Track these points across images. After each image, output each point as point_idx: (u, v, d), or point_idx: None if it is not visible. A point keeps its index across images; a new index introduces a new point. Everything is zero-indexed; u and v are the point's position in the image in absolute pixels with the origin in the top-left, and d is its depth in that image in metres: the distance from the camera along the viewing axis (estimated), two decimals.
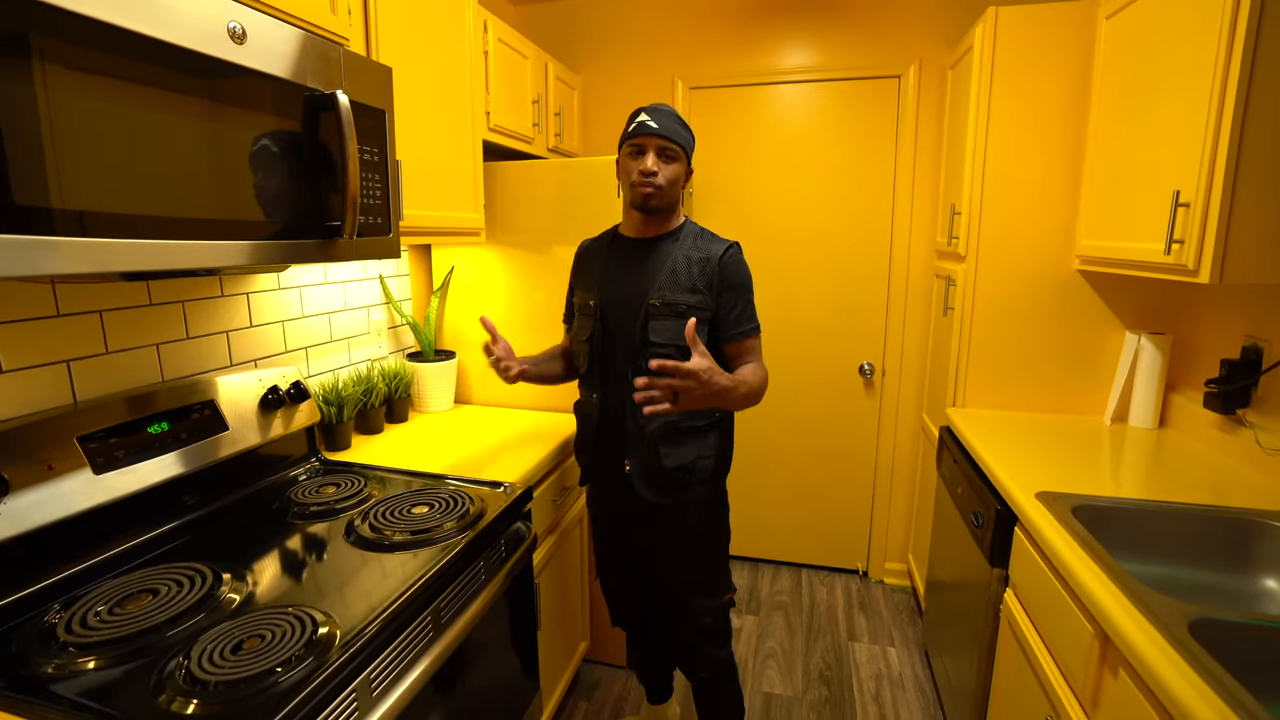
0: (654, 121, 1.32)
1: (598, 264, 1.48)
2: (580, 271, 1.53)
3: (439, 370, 1.90)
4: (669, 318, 1.34)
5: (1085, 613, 1.06)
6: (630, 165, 1.36)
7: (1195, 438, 1.72)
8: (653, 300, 1.35)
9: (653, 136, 1.32)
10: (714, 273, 1.35)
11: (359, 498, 1.29)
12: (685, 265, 1.36)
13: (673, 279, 1.35)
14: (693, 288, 1.35)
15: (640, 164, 1.33)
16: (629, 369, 1.38)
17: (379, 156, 1.22)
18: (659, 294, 1.35)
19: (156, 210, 0.81)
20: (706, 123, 2.54)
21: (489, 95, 1.83)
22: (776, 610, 2.47)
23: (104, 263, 0.75)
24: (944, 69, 2.28)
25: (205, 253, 0.89)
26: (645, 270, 1.39)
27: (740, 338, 1.37)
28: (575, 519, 1.83)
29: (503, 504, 1.27)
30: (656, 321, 1.35)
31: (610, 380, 1.43)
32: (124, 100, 0.77)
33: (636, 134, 1.33)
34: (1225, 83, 1.24)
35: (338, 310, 1.70)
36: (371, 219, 1.21)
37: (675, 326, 1.34)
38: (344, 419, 1.57)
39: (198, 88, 0.86)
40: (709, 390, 1.17)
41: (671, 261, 1.37)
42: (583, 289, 1.49)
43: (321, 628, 0.84)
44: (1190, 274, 1.34)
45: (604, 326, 1.42)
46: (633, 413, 1.38)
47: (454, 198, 1.66)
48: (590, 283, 1.47)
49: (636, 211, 1.39)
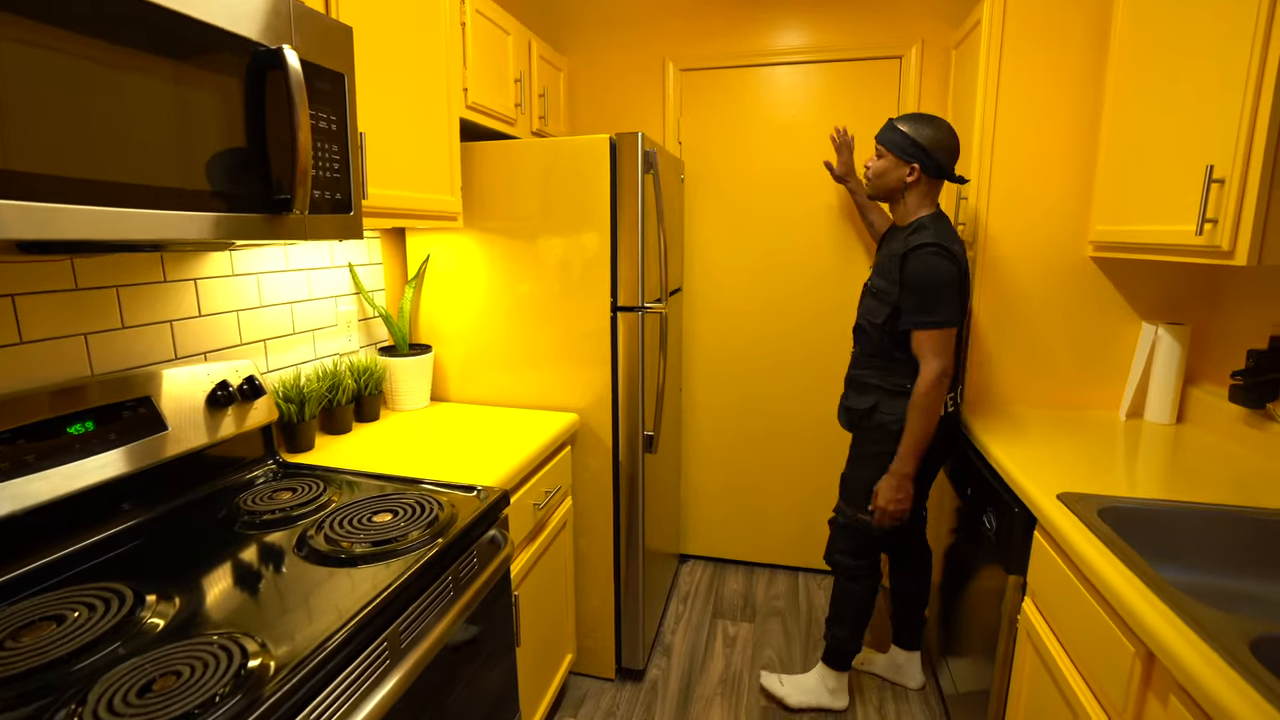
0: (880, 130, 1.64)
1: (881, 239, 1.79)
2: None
3: (413, 365, 1.78)
4: (869, 295, 1.66)
5: (1124, 628, 0.95)
6: None
7: (1219, 433, 1.62)
8: (868, 282, 1.68)
9: (876, 141, 1.65)
10: (899, 265, 1.54)
11: (317, 504, 1.16)
12: (893, 254, 1.58)
13: (883, 265, 1.62)
14: (886, 275, 1.58)
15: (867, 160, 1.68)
16: (854, 332, 1.76)
17: (337, 125, 1.10)
18: (875, 275, 1.66)
19: (65, 170, 0.68)
20: (698, 107, 2.43)
21: (467, 70, 1.70)
22: (773, 617, 2.36)
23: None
24: (947, 49, 2.17)
25: (125, 222, 0.76)
26: (883, 253, 1.66)
27: (911, 327, 1.55)
28: (561, 521, 1.71)
29: (476, 510, 1.15)
30: (864, 300, 1.67)
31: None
32: (25, 39, 0.64)
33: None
34: (1266, 47, 1.14)
35: (301, 300, 1.57)
36: (328, 194, 1.08)
37: (871, 305, 1.64)
38: (306, 417, 1.44)
39: (120, 32, 0.73)
40: (900, 494, 1.59)
41: (888, 252, 1.61)
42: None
43: (254, 659, 0.72)
44: (1225, 256, 1.23)
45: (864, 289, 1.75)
46: (851, 364, 1.77)
47: (428, 178, 1.53)
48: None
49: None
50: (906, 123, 1.58)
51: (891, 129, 1.59)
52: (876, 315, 1.60)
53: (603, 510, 1.89)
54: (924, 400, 1.54)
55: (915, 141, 1.55)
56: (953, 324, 1.51)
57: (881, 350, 1.62)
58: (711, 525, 2.72)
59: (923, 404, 1.54)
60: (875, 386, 1.66)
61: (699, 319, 2.57)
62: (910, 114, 1.60)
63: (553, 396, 1.85)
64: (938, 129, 1.57)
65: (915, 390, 1.54)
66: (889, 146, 1.59)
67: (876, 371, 1.65)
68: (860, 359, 1.70)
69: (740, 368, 2.56)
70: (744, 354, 2.55)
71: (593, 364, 1.81)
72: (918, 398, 1.54)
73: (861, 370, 1.70)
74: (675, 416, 2.48)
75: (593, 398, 1.83)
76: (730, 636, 2.24)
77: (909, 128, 1.57)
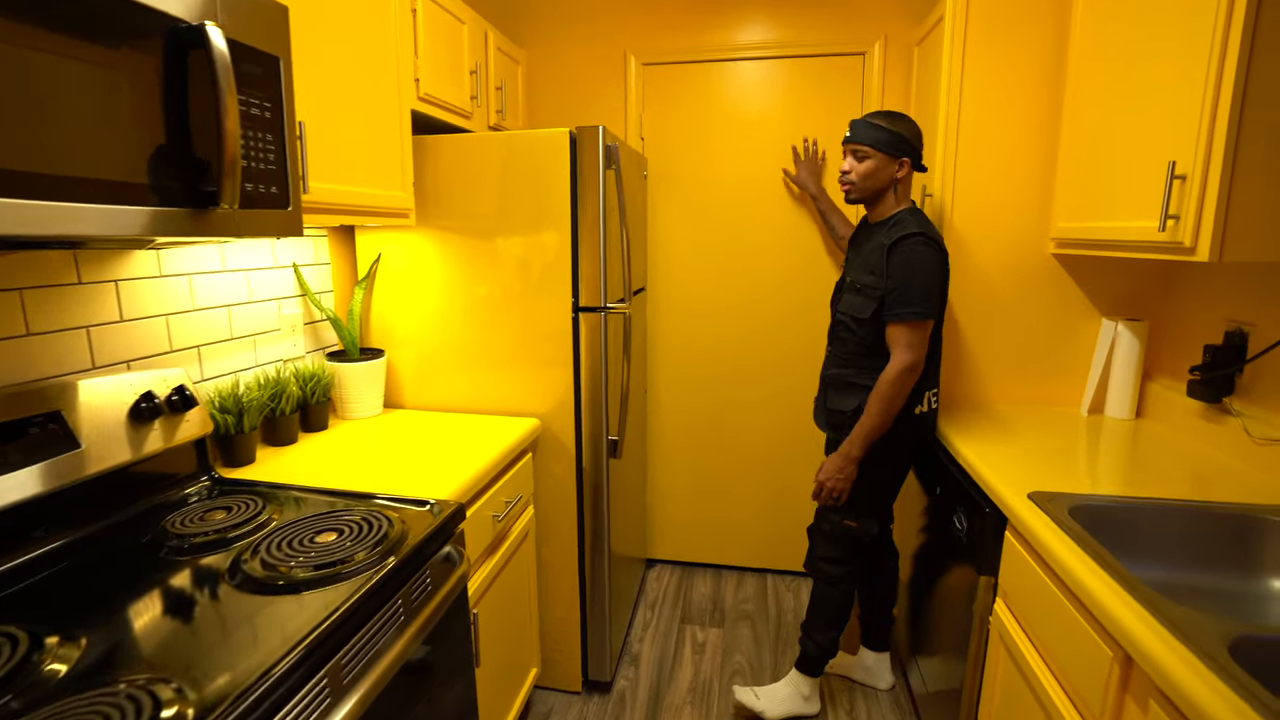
0: (849, 131, 1.58)
1: (849, 245, 1.76)
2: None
3: (364, 371, 1.68)
4: (852, 292, 1.61)
5: (1101, 631, 0.93)
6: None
7: (1178, 428, 1.64)
8: (848, 277, 1.65)
9: (847, 143, 1.58)
10: (885, 256, 1.51)
11: (255, 524, 1.07)
12: (876, 248, 1.55)
13: (866, 260, 1.58)
14: (871, 269, 1.55)
15: (842, 167, 1.61)
16: (830, 329, 1.74)
17: (271, 113, 1.01)
18: (854, 273, 1.62)
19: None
20: (661, 102, 2.38)
21: (419, 60, 1.62)
22: (742, 621, 2.33)
23: None
24: (910, 46, 2.17)
25: (23, 216, 0.67)
26: (862, 250, 1.63)
27: (888, 320, 1.52)
28: (522, 532, 1.64)
29: (429, 526, 1.07)
30: (846, 295, 1.64)
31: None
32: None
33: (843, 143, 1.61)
34: (1226, 41, 1.14)
35: (240, 303, 1.47)
36: (262, 187, 0.99)
37: (854, 301, 1.60)
38: (246, 429, 1.34)
39: (20, 4, 0.64)
40: (842, 475, 1.59)
41: (871, 246, 1.58)
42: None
43: (168, 709, 0.64)
44: (1187, 252, 1.24)
45: (834, 293, 1.76)
46: (827, 360, 1.74)
47: (377, 173, 1.45)
48: (849, 251, 1.75)
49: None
50: (885, 119, 1.55)
51: (875, 128, 1.55)
52: (863, 310, 1.56)
53: (566, 518, 1.82)
54: (889, 389, 1.51)
55: (904, 137, 1.53)
56: (929, 317, 1.49)
57: (868, 348, 1.59)
58: (679, 529, 2.67)
59: (887, 392, 1.51)
60: (860, 386, 1.62)
61: (664, 319, 2.52)
62: (880, 111, 1.57)
63: (513, 401, 1.78)
64: (912, 122, 1.57)
65: (881, 377, 1.52)
66: (878, 145, 1.54)
67: (861, 370, 1.62)
68: (840, 358, 1.67)
69: (706, 369, 2.52)
70: (710, 355, 2.51)
71: (554, 367, 1.74)
72: (883, 385, 1.51)
73: (843, 369, 1.66)
74: (641, 419, 2.43)
75: (554, 402, 1.76)
76: (699, 643, 2.20)
77: (891, 124, 1.54)
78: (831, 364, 1.70)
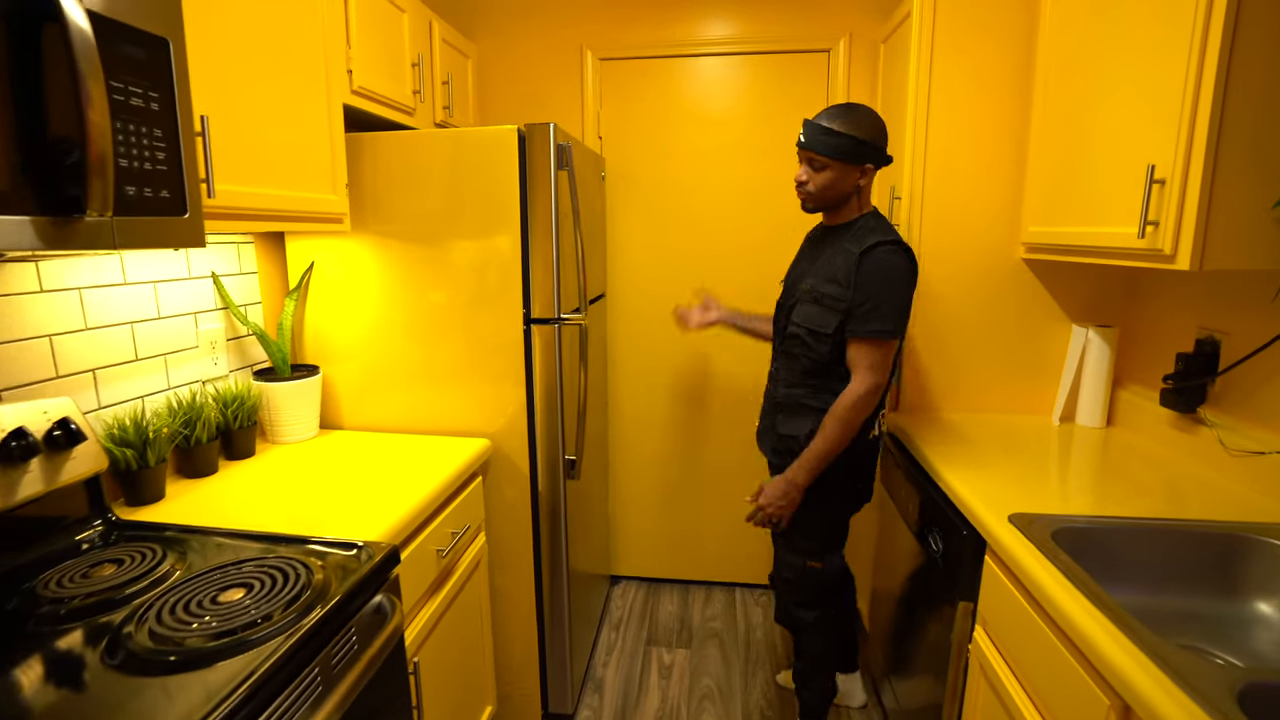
0: (803, 135, 1.42)
1: (806, 244, 1.60)
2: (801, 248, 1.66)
3: (297, 390, 1.53)
4: (808, 303, 1.44)
5: (1097, 677, 0.86)
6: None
7: (1150, 437, 1.61)
8: (804, 285, 1.47)
9: (801, 150, 1.43)
10: (854, 265, 1.37)
11: (150, 579, 0.93)
12: (841, 257, 1.40)
13: (826, 268, 1.43)
14: (833, 278, 1.40)
15: (798, 174, 1.45)
16: (778, 341, 1.57)
17: (160, 104, 0.87)
18: (811, 281, 1.46)
19: None
20: (620, 99, 2.27)
21: (351, 50, 1.48)
22: (710, 640, 2.24)
23: None
24: (875, 43, 2.11)
25: None
26: (818, 257, 1.48)
27: (853, 336, 1.39)
28: (473, 562, 1.51)
29: (356, 576, 0.94)
30: (802, 306, 1.46)
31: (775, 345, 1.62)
32: None
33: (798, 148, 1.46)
34: (1205, 40, 1.09)
35: (146, 319, 1.31)
36: (148, 191, 0.85)
37: (812, 312, 1.43)
38: (152, 462, 1.19)
39: None
40: (785, 501, 1.46)
41: (834, 252, 1.43)
42: (793, 264, 1.62)
43: None
44: (1166, 260, 1.19)
45: (782, 301, 1.57)
46: (774, 379, 1.58)
47: (304, 174, 1.30)
48: (796, 260, 1.60)
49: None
50: (842, 120, 1.37)
51: (827, 133, 1.37)
52: (824, 323, 1.40)
53: (521, 543, 1.70)
54: (848, 414, 1.38)
55: (861, 140, 1.36)
56: (897, 335, 1.37)
57: (823, 365, 1.44)
58: (644, 543, 2.57)
59: (846, 417, 1.38)
60: (812, 409, 1.46)
61: (624, 326, 2.41)
62: (836, 108, 1.39)
63: (461, 421, 1.65)
64: (868, 116, 1.39)
65: (841, 400, 1.38)
66: (835, 154, 1.37)
67: (812, 390, 1.47)
68: (791, 376, 1.50)
69: (669, 378, 2.43)
70: (673, 363, 2.41)
71: (505, 383, 1.62)
72: (842, 409, 1.38)
73: (794, 389, 1.49)
74: (601, 431, 2.32)
75: (506, 421, 1.64)
76: (666, 665, 2.10)
77: (850, 125, 1.37)
78: (781, 382, 1.53)
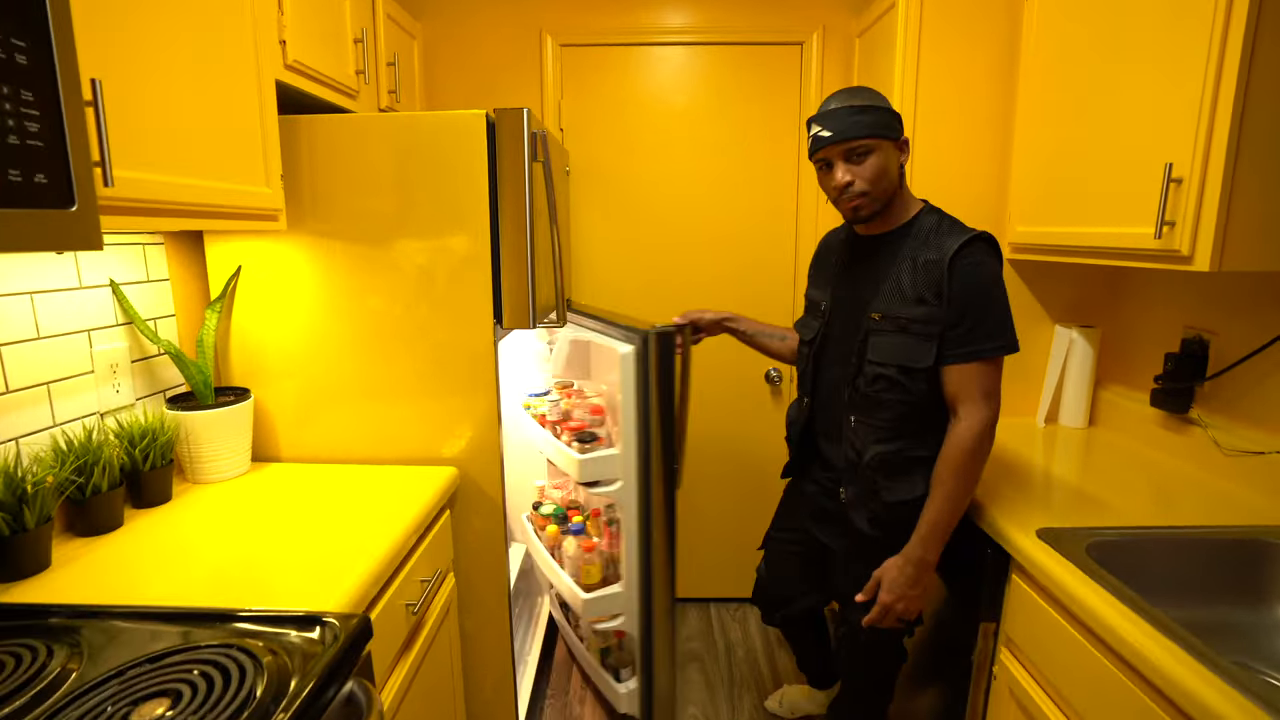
0: (827, 129, 1.16)
1: (833, 260, 1.37)
2: (818, 266, 1.44)
3: (222, 418, 1.29)
4: (889, 332, 1.18)
5: (1164, 703, 0.78)
6: (824, 182, 1.23)
7: (1137, 438, 1.60)
8: (874, 314, 1.21)
9: (832, 145, 1.17)
10: (942, 276, 1.13)
11: (31, 693, 0.70)
12: (911, 269, 1.17)
13: (897, 287, 1.18)
14: (919, 297, 1.15)
15: (831, 180, 1.20)
16: (846, 389, 1.26)
17: (30, 57, 0.65)
18: (881, 305, 1.20)
19: None
20: (582, 89, 2.11)
21: (284, 17, 1.25)
22: (691, 663, 2.11)
23: None
24: (850, 38, 2.04)
25: None
26: (872, 274, 1.24)
27: (956, 360, 1.14)
28: (443, 610, 1.32)
29: (324, 661, 0.75)
30: (877, 338, 1.20)
31: (821, 390, 1.35)
32: None
33: (814, 151, 1.21)
34: (1226, 36, 1.04)
35: (21, 340, 1.04)
36: (15, 174, 0.63)
37: (897, 343, 1.17)
38: (31, 524, 0.93)
39: None
40: (918, 590, 1.19)
41: (899, 264, 1.19)
42: (817, 286, 1.40)
43: None
44: (1184, 260, 1.14)
45: (827, 333, 1.33)
46: (849, 436, 1.26)
47: (229, 160, 1.08)
48: (824, 281, 1.37)
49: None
50: (859, 98, 1.17)
51: (861, 111, 1.14)
52: (919, 356, 1.14)
53: (492, 580, 1.51)
54: (969, 460, 1.13)
55: (893, 111, 1.18)
56: (1014, 347, 1.15)
57: (922, 407, 1.18)
58: None
59: (967, 465, 1.13)
60: (923, 460, 1.19)
61: None
62: (841, 94, 1.19)
63: (420, 446, 1.44)
64: (876, 90, 1.22)
65: (955, 444, 1.13)
66: (878, 132, 1.14)
67: (915, 439, 1.19)
68: (879, 428, 1.21)
69: None
70: None
71: (472, 400, 1.43)
72: (959, 454, 1.12)
73: (893, 444, 1.20)
74: None
75: (473, 444, 1.44)
76: None
77: (872, 99, 1.17)
78: (871, 439, 1.22)
